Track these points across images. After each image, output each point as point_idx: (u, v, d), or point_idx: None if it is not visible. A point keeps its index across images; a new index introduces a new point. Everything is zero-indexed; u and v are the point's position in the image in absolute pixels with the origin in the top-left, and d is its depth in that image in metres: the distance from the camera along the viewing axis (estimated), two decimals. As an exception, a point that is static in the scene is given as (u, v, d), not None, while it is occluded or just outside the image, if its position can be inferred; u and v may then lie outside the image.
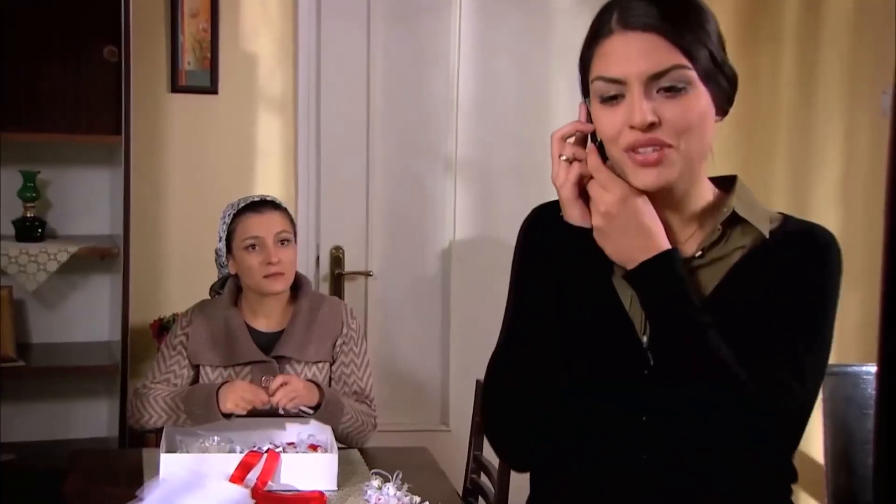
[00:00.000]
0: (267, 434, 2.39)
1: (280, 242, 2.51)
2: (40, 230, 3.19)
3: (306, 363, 2.53)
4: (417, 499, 2.11)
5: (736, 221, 1.37)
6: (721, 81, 1.32)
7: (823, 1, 3.18)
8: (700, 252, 1.37)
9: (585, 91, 1.35)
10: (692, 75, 1.28)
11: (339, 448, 2.32)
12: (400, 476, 2.15)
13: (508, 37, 3.53)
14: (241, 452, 2.23)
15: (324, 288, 3.48)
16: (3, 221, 3.19)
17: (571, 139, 1.37)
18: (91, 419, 3.35)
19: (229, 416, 2.33)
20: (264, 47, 3.43)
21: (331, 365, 2.57)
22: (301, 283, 2.61)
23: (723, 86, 1.32)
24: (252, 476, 2.15)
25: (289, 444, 2.37)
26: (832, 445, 2.44)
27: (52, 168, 3.28)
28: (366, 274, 3.53)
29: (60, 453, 2.79)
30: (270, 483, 2.16)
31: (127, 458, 2.44)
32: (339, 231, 3.50)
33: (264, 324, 2.56)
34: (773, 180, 3.43)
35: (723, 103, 1.34)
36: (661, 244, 1.32)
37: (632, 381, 1.35)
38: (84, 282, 3.36)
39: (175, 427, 2.38)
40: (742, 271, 1.35)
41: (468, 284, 3.55)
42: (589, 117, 1.36)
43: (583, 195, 1.35)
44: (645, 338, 1.35)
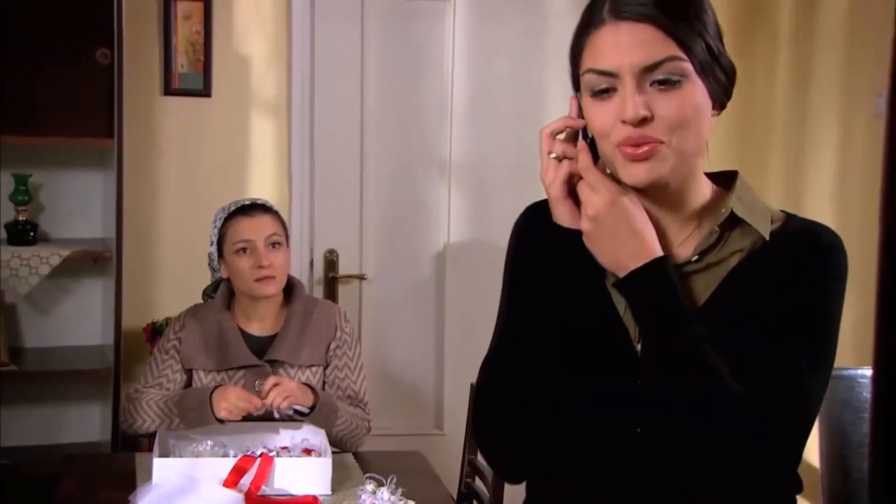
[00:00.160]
0: (260, 438, 2.38)
1: (271, 245, 2.50)
2: (32, 234, 3.18)
3: (300, 367, 2.52)
4: (412, 503, 2.10)
5: (735, 222, 1.29)
6: (718, 74, 1.25)
7: (819, 3, 3.18)
8: (696, 256, 1.30)
9: (577, 84, 1.29)
10: (687, 67, 1.21)
11: (333, 452, 2.31)
12: (394, 480, 2.14)
13: (503, 39, 3.53)
14: (235, 457, 2.23)
15: (318, 291, 3.47)
16: (-5, 225, 3.18)
17: (561, 135, 1.30)
18: (84, 423, 3.34)
19: (223, 421, 2.32)
20: (258, 50, 3.42)
21: (324, 369, 2.56)
22: (294, 287, 2.60)
23: (720, 78, 1.26)
24: (246, 480, 2.15)
25: (282, 449, 2.37)
26: (827, 449, 2.44)
27: (45, 171, 3.27)
28: (360, 277, 3.52)
29: (53, 458, 2.78)
30: (264, 487, 2.15)
31: (120, 463, 2.43)
32: (333, 234, 3.49)
33: (257, 328, 2.55)
34: (769, 182, 3.43)
35: (720, 97, 1.27)
36: (653, 250, 1.26)
37: (626, 391, 1.29)
38: (76, 285, 3.35)
39: (168, 431, 2.37)
40: (740, 276, 1.28)
41: (463, 288, 3.54)
42: (580, 112, 1.29)
43: (572, 194, 1.30)
44: (640, 346, 1.29)
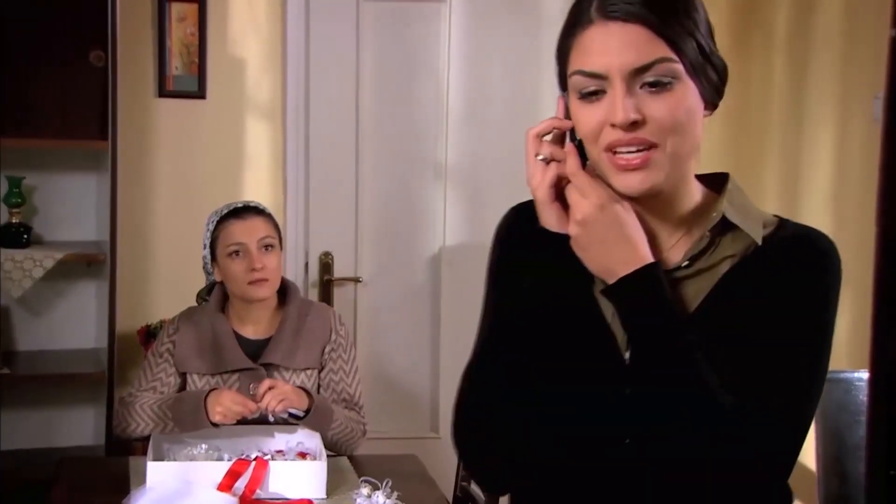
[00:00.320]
0: (255, 442, 2.37)
1: (264, 248, 2.49)
2: (26, 236, 3.17)
3: (294, 370, 2.51)
4: (407, 507, 2.09)
5: (726, 227, 1.26)
6: (710, 73, 1.21)
7: (815, 5, 3.18)
8: (686, 262, 1.26)
9: (563, 84, 1.25)
10: (679, 69, 1.17)
11: (328, 455, 2.31)
12: (389, 484, 2.13)
13: (499, 44, 3.52)
14: (229, 460, 2.21)
15: (313, 294, 3.46)
16: (-12, 228, 3.17)
17: (548, 137, 1.27)
18: (77, 427, 3.33)
19: (217, 424, 2.31)
20: (252, 52, 3.41)
21: (319, 372, 2.55)
22: (289, 290, 2.59)
23: (711, 78, 1.22)
24: (240, 484, 2.14)
25: (277, 452, 2.36)
26: (824, 452, 2.43)
27: (38, 173, 3.26)
28: (355, 280, 3.51)
29: (46, 461, 2.76)
30: (259, 491, 2.14)
31: (114, 467, 2.42)
32: (329, 237, 3.49)
33: (252, 331, 2.55)
34: (765, 185, 3.43)
35: (712, 97, 1.23)
36: (643, 256, 1.22)
37: (613, 401, 1.25)
38: (70, 288, 3.34)
39: (162, 435, 2.36)
40: (732, 283, 1.25)
41: (458, 291, 3.53)
42: (567, 113, 1.26)
43: (560, 198, 1.26)
44: (628, 354, 1.25)
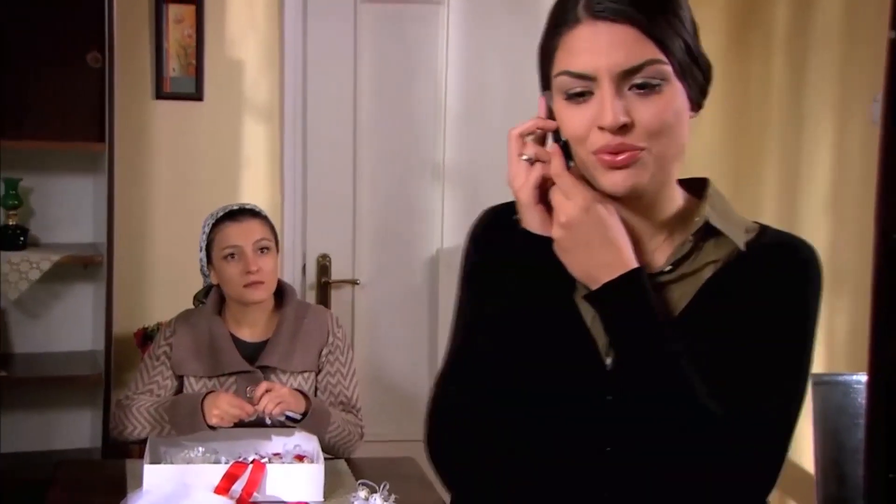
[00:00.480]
0: (252, 444, 2.36)
1: (260, 250, 2.49)
2: (22, 238, 3.16)
3: (291, 373, 2.50)
4: (405, 510, 2.09)
5: (708, 232, 1.23)
6: (696, 74, 1.20)
7: (813, 8, 3.18)
8: (669, 266, 1.24)
9: (546, 84, 1.23)
10: (667, 70, 1.15)
11: (326, 458, 2.30)
12: (387, 487, 2.13)
13: (497, 45, 3.52)
14: (226, 463, 2.21)
15: (310, 296, 3.45)
16: (-15, 230, 3.16)
17: (530, 137, 1.25)
18: (74, 430, 3.32)
19: (214, 427, 2.30)
20: (250, 54, 3.41)
21: (316, 374, 2.54)
22: (285, 292, 2.58)
23: (698, 79, 1.20)
24: (237, 487, 2.13)
25: (274, 455, 2.35)
26: (822, 454, 2.43)
27: (35, 175, 3.25)
28: (353, 282, 3.51)
29: (43, 464, 2.75)
30: (256, 494, 2.14)
31: (110, 470, 2.41)
32: (326, 239, 3.48)
33: (249, 333, 2.54)
34: (763, 187, 3.43)
35: (697, 97, 1.21)
36: (628, 262, 1.19)
37: (594, 408, 1.22)
38: (67, 291, 3.33)
39: (159, 438, 2.35)
40: (715, 289, 1.23)
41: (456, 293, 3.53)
42: (549, 112, 1.24)
43: (543, 199, 1.23)
44: (609, 360, 1.22)
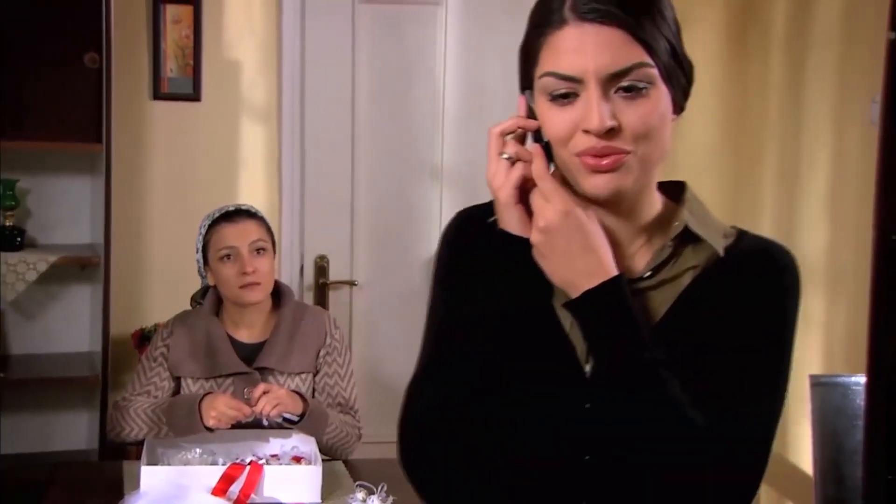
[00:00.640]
0: (250, 446, 2.36)
1: (256, 252, 2.48)
2: (19, 239, 3.15)
3: (289, 374, 2.50)
4: (402, 511, 2.08)
5: (687, 237, 1.22)
6: (680, 77, 1.18)
7: (812, 10, 3.18)
8: (649, 272, 1.22)
9: (527, 84, 1.21)
10: (654, 74, 1.13)
11: (323, 460, 2.30)
12: (385, 488, 2.13)
13: (495, 46, 3.51)
14: (224, 465, 2.21)
15: (308, 297, 3.45)
16: (-18, 231, 3.15)
17: (510, 136, 1.23)
18: (71, 431, 3.31)
19: (212, 429, 2.30)
20: (248, 55, 3.40)
21: (314, 376, 2.54)
22: (283, 293, 2.58)
23: (681, 81, 1.18)
24: (235, 489, 2.13)
25: (272, 457, 2.35)
26: (821, 456, 2.43)
27: (32, 176, 3.25)
28: (350, 283, 3.50)
29: (40, 466, 2.75)
30: (253, 496, 2.14)
31: (107, 471, 2.40)
32: (324, 240, 3.48)
33: (246, 334, 2.53)
34: (762, 188, 3.43)
35: (680, 100, 1.19)
36: (608, 269, 1.17)
37: (572, 415, 1.19)
38: (64, 292, 3.32)
39: (157, 439, 2.35)
40: (694, 295, 1.21)
41: (454, 294, 3.52)
42: (529, 112, 1.22)
43: (523, 200, 1.21)
44: (588, 366, 1.20)
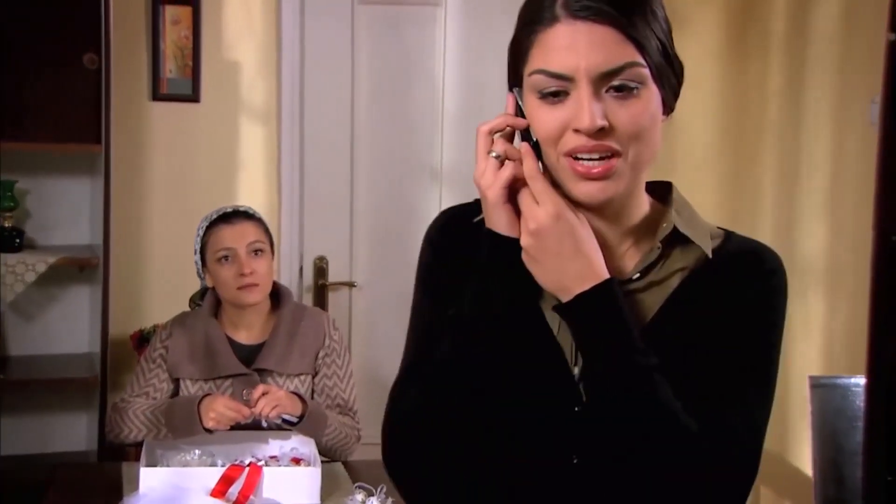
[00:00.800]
0: (249, 447, 2.36)
1: (253, 253, 2.48)
2: (18, 240, 3.15)
3: (288, 376, 2.49)
4: (402, 513, 2.08)
5: (675, 239, 1.21)
6: (670, 77, 1.17)
7: (811, 9, 3.18)
8: (637, 274, 1.21)
9: (516, 81, 1.19)
10: (645, 73, 1.12)
11: (323, 461, 2.30)
12: (384, 490, 2.13)
13: (494, 46, 3.47)
14: (223, 466, 2.21)
15: (307, 299, 3.45)
16: (-19, 232, 3.15)
17: (498, 134, 1.20)
18: (70, 432, 3.31)
19: (211, 430, 2.30)
20: (247, 56, 3.40)
21: (313, 377, 2.54)
22: (282, 294, 2.57)
23: (672, 81, 1.17)
24: (234, 490, 2.13)
25: (271, 458, 2.35)
26: (820, 457, 2.43)
27: (31, 177, 3.24)
28: (350, 285, 3.50)
29: (39, 467, 2.75)
30: (252, 497, 2.13)
31: (106, 472, 2.40)
32: (323, 241, 3.48)
33: (245, 336, 2.53)
34: (761, 188, 3.43)
35: (670, 101, 1.18)
36: (600, 272, 1.15)
37: (561, 418, 1.18)
38: (63, 293, 3.32)
39: (156, 440, 2.35)
40: (683, 297, 1.20)
41: (453, 295, 3.52)
42: (518, 111, 1.20)
43: (511, 199, 1.17)
44: (576, 369, 1.19)
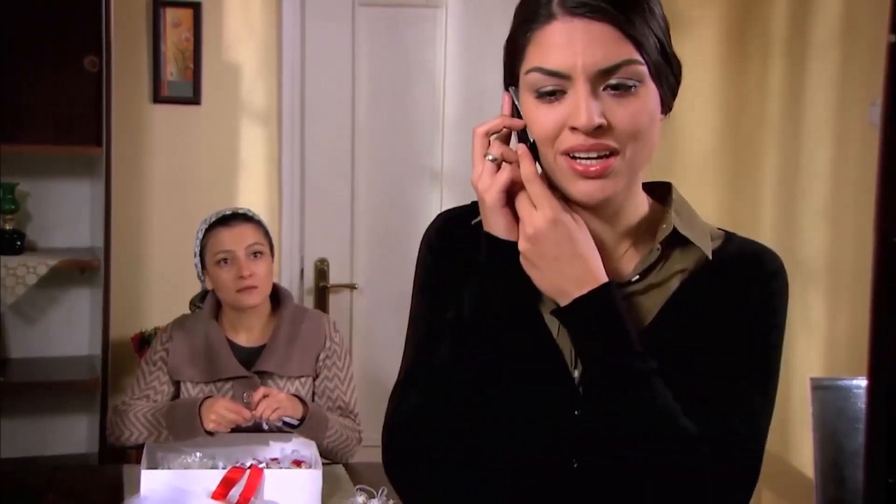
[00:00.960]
0: (250, 450, 2.36)
1: (253, 255, 2.48)
2: (19, 243, 3.15)
3: (289, 378, 2.49)
4: (403, 515, 2.08)
5: (675, 240, 1.19)
6: (669, 76, 1.15)
7: (812, 12, 3.18)
8: (636, 276, 1.20)
9: (513, 80, 1.19)
10: (643, 71, 1.11)
11: (324, 463, 2.29)
12: (385, 492, 2.13)
13: (495, 48, 3.47)
14: (224, 468, 2.20)
15: (308, 301, 3.45)
16: (-18, 234, 3.15)
17: (495, 136, 1.19)
18: (71, 435, 3.31)
19: (212, 433, 2.29)
20: (248, 58, 3.40)
21: (314, 379, 2.53)
22: (282, 297, 2.57)
23: (670, 80, 1.16)
24: (235, 493, 2.12)
25: (272, 460, 2.35)
26: (822, 458, 2.43)
27: (32, 180, 3.24)
28: (351, 287, 3.50)
29: (40, 470, 2.74)
30: (253, 500, 2.13)
31: (107, 475, 2.40)
32: (324, 244, 3.48)
33: (245, 338, 2.53)
34: (762, 190, 3.43)
35: (668, 99, 1.16)
36: (598, 276, 1.14)
37: (561, 422, 1.17)
38: (64, 295, 3.32)
39: (157, 443, 2.34)
40: (683, 300, 1.19)
41: (454, 297, 3.52)
42: (514, 111, 1.19)
43: (509, 202, 1.16)
44: (576, 372, 1.18)
